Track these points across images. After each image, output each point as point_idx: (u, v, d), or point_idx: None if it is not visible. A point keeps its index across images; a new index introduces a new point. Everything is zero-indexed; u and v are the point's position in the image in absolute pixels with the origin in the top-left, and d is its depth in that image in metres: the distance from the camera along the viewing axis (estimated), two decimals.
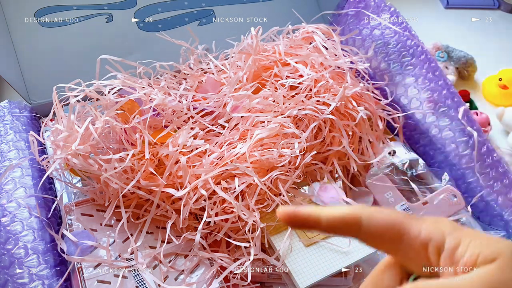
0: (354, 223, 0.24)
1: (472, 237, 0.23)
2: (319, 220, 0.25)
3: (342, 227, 0.25)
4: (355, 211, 0.25)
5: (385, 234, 0.24)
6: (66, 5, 0.67)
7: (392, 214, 0.25)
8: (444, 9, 1.05)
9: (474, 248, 0.22)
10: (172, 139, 0.51)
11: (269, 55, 0.61)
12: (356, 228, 0.24)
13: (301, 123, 0.56)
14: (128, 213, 0.49)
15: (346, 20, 0.72)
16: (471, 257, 0.22)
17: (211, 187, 0.48)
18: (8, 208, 0.49)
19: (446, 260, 0.23)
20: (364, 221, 0.24)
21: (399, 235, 0.24)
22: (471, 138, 0.59)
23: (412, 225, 0.24)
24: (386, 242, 0.25)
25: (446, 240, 0.23)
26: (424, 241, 0.24)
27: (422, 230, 0.24)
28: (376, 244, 0.25)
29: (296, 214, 0.25)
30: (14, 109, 0.60)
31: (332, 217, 0.25)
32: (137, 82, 0.56)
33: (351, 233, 0.25)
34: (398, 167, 0.59)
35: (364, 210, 0.25)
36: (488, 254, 0.21)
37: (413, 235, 0.24)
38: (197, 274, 0.48)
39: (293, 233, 0.50)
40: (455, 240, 0.23)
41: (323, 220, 0.25)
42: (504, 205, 0.57)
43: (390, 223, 0.24)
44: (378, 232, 0.24)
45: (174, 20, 0.72)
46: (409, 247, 0.24)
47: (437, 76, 0.63)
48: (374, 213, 0.25)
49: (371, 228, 0.24)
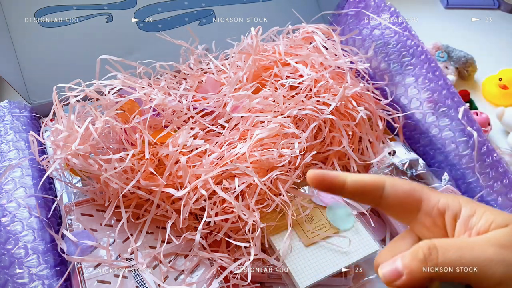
0: (378, 188, 0.26)
1: (486, 208, 0.24)
2: (344, 182, 0.26)
3: (366, 192, 0.26)
4: (379, 177, 0.26)
5: (406, 200, 0.26)
6: (66, 5, 0.67)
7: (414, 183, 0.26)
8: (444, 9, 1.05)
9: (488, 216, 0.24)
10: (172, 139, 0.51)
11: (269, 55, 0.61)
12: (379, 193, 0.26)
13: (301, 123, 0.56)
14: (128, 213, 0.49)
15: (346, 20, 0.72)
16: (485, 223, 0.24)
17: (211, 187, 0.48)
18: (8, 208, 0.49)
19: (461, 226, 0.24)
20: (387, 187, 0.26)
21: (418, 202, 0.26)
22: (471, 138, 0.59)
23: (432, 194, 0.26)
24: (406, 209, 0.26)
25: (462, 209, 0.25)
26: (442, 209, 0.25)
27: (441, 199, 0.25)
28: (396, 210, 0.27)
29: (324, 176, 0.26)
30: (14, 109, 0.60)
31: (358, 180, 0.26)
32: (137, 82, 0.56)
33: (373, 199, 0.26)
34: (398, 167, 0.59)
35: (388, 178, 0.26)
36: (501, 221, 0.23)
37: (432, 203, 0.25)
38: (197, 274, 0.48)
39: (293, 233, 0.50)
40: (470, 209, 0.25)
41: (348, 183, 0.26)
42: (504, 205, 0.57)
43: (411, 189, 0.26)
44: (399, 198, 0.26)
45: (174, 20, 0.72)
46: (427, 215, 0.26)
47: (437, 76, 0.63)
48: (396, 181, 0.26)
49: (394, 194, 0.26)
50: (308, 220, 0.52)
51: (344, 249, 0.49)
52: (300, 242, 0.50)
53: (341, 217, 0.52)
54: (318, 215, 0.52)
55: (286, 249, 0.49)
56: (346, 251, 0.49)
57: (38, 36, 0.65)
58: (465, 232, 0.24)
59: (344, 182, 0.26)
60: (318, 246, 0.50)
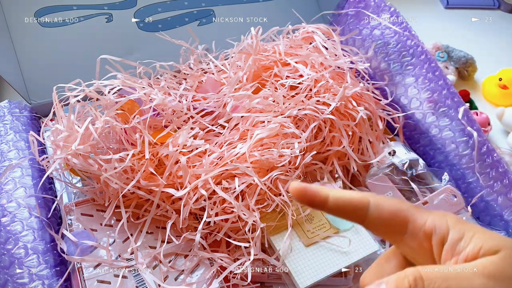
0: (362, 208, 0.25)
1: (475, 231, 0.23)
2: (327, 199, 0.25)
3: (349, 210, 0.25)
4: (363, 196, 0.25)
5: (391, 221, 0.25)
6: (66, 5, 0.67)
7: (400, 203, 0.25)
8: (444, 9, 1.05)
9: (477, 240, 0.22)
10: (172, 139, 0.51)
11: (269, 55, 0.61)
12: (363, 213, 0.25)
13: (301, 123, 0.56)
14: (128, 213, 0.49)
15: (346, 20, 0.72)
16: (473, 249, 0.22)
17: (211, 187, 0.48)
18: (8, 208, 0.49)
19: (448, 251, 0.23)
20: (372, 207, 0.25)
21: (404, 223, 0.24)
22: (471, 138, 0.59)
23: (418, 216, 0.24)
24: (391, 230, 0.25)
25: (450, 232, 0.23)
26: (429, 231, 0.24)
27: (428, 221, 0.24)
28: (381, 231, 0.25)
29: (306, 190, 0.25)
30: (14, 109, 0.60)
31: (341, 198, 0.25)
32: (137, 82, 0.56)
33: (357, 217, 0.25)
34: (398, 167, 0.59)
35: (373, 196, 0.25)
36: (491, 246, 0.22)
37: (418, 225, 0.24)
38: (197, 274, 0.48)
39: (293, 233, 0.50)
40: (458, 232, 0.23)
41: (331, 200, 0.25)
42: (504, 205, 0.57)
43: (397, 211, 0.25)
44: (385, 218, 0.25)
45: (174, 20, 0.72)
46: (413, 237, 0.24)
47: (437, 76, 0.63)
48: (382, 200, 0.25)
49: (378, 214, 0.25)
50: (308, 220, 0.52)
51: (344, 249, 0.49)
52: (300, 242, 0.50)
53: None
54: (318, 215, 0.52)
55: (286, 249, 0.49)
56: (346, 251, 0.49)
57: (38, 36, 0.65)
58: (452, 257, 0.23)
59: (326, 199, 0.25)
60: (318, 246, 0.50)
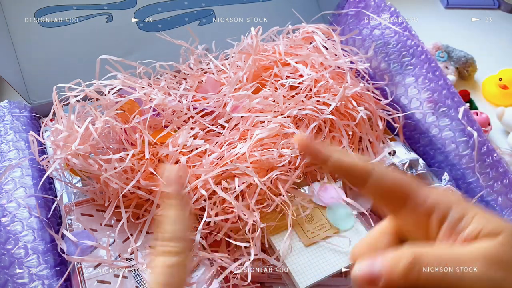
0: (364, 172, 0.25)
1: (477, 212, 0.22)
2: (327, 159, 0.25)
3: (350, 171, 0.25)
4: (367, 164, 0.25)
5: (392, 191, 0.24)
6: (66, 5, 0.67)
7: (404, 176, 0.25)
8: (444, 9, 1.05)
9: (478, 222, 0.22)
10: (172, 139, 0.51)
11: (269, 55, 0.61)
12: (365, 177, 0.25)
13: (301, 123, 0.56)
14: (128, 213, 0.49)
15: (346, 20, 0.72)
16: (473, 230, 0.22)
17: (211, 187, 0.48)
18: (8, 208, 0.49)
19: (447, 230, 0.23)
20: (375, 174, 0.24)
21: (405, 196, 0.24)
22: (471, 138, 0.59)
23: (421, 191, 0.24)
24: (391, 200, 0.25)
25: (451, 210, 0.23)
26: (429, 208, 0.23)
27: (430, 197, 0.24)
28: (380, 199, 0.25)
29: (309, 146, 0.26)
30: (14, 109, 0.60)
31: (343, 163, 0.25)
32: (137, 82, 0.56)
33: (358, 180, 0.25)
34: (398, 167, 0.59)
35: (378, 166, 0.25)
36: (492, 229, 0.21)
37: (420, 200, 0.24)
38: (197, 274, 0.48)
39: (293, 233, 0.50)
40: (460, 212, 0.23)
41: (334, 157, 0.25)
42: (504, 205, 0.57)
43: (400, 182, 0.24)
44: (386, 187, 0.24)
45: (174, 20, 0.72)
46: (412, 211, 0.24)
47: (437, 76, 0.63)
48: (386, 170, 0.25)
49: (380, 182, 0.24)
50: (308, 220, 0.52)
51: (344, 249, 0.49)
52: (300, 242, 0.50)
53: (341, 217, 0.52)
54: (318, 215, 0.52)
55: (286, 249, 0.49)
56: (346, 251, 0.49)
57: (38, 36, 0.65)
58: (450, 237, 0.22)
59: (326, 159, 0.25)
60: (318, 246, 0.50)
